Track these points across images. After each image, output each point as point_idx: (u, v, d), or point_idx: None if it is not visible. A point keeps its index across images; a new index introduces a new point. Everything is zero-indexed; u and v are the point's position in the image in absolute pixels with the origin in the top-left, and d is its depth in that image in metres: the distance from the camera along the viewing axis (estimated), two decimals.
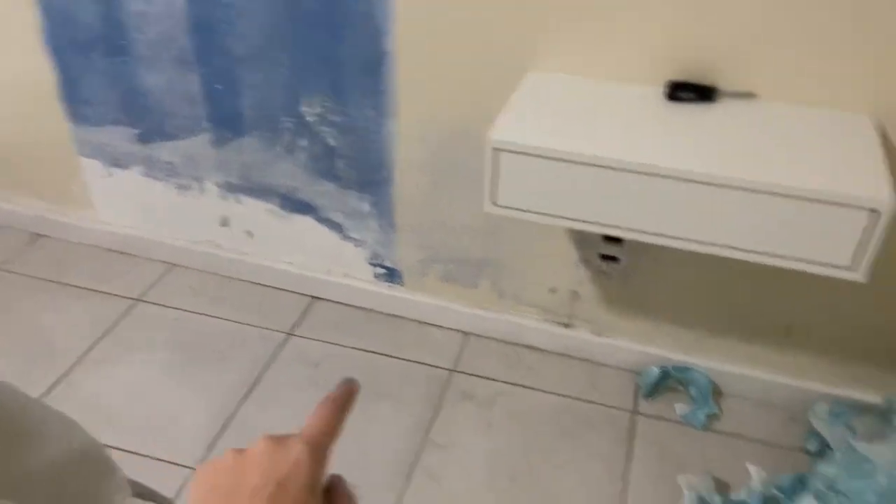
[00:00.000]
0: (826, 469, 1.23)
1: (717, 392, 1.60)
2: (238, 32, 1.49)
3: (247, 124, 1.61)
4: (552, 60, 1.32)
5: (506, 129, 1.19)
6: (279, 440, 0.40)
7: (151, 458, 1.44)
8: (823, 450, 1.42)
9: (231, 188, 1.74)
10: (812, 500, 1.23)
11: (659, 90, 1.28)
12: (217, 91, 1.59)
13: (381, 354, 1.68)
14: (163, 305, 1.80)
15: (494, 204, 1.23)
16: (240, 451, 0.40)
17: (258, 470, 0.38)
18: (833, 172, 1.09)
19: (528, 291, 1.66)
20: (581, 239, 1.53)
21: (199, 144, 1.69)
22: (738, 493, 1.35)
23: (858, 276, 1.09)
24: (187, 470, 1.42)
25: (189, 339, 1.71)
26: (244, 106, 1.59)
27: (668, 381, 1.61)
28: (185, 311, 1.79)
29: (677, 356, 1.61)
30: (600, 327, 1.65)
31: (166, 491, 0.63)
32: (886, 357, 1.46)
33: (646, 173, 1.11)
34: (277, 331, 1.74)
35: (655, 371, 1.59)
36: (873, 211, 1.04)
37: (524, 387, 1.62)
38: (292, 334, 1.73)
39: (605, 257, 1.54)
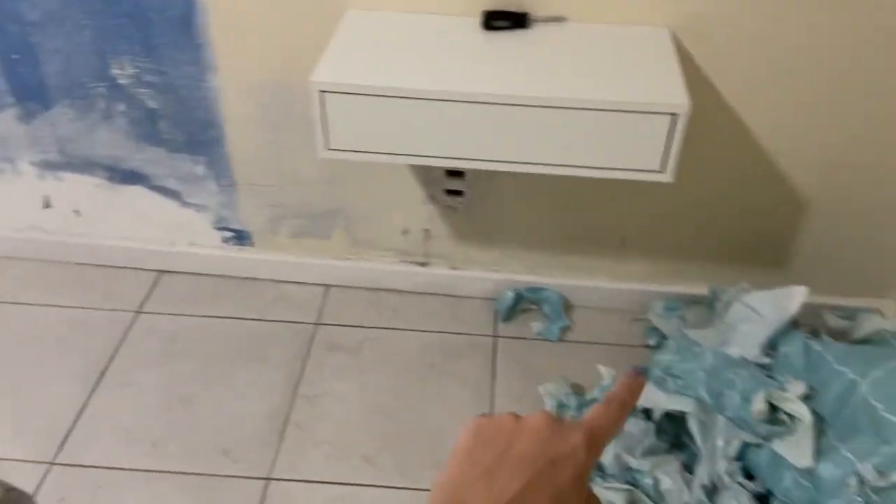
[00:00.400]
0: (661, 357, 1.36)
1: (567, 306, 1.70)
2: None
3: (54, 94, 1.49)
4: None
5: (328, 70, 1.17)
6: (561, 420, 0.38)
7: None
8: (662, 342, 1.55)
9: (49, 166, 1.61)
10: (651, 385, 1.35)
11: (476, 20, 1.31)
12: (14, 61, 1.46)
13: (241, 319, 1.65)
14: None
15: (328, 148, 1.22)
16: (518, 417, 0.38)
17: (535, 440, 0.36)
18: (636, 83, 1.17)
19: (382, 236, 1.67)
20: (425, 177, 1.56)
21: (5, 122, 1.55)
22: (591, 393, 1.46)
23: (667, 177, 1.19)
24: (30, 465, 1.35)
25: (25, 333, 1.59)
26: (48, 74, 1.46)
27: (522, 303, 1.69)
28: (17, 303, 1.66)
29: (529, 278, 1.69)
30: (455, 261, 1.70)
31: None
32: (708, 252, 1.62)
33: (467, 101, 1.14)
34: (124, 310, 1.65)
35: (510, 295, 1.67)
36: (673, 115, 1.13)
37: (390, 329, 1.65)
38: (141, 312, 1.65)
39: (450, 192, 1.58)
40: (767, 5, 1.26)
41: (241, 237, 1.70)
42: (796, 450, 1.12)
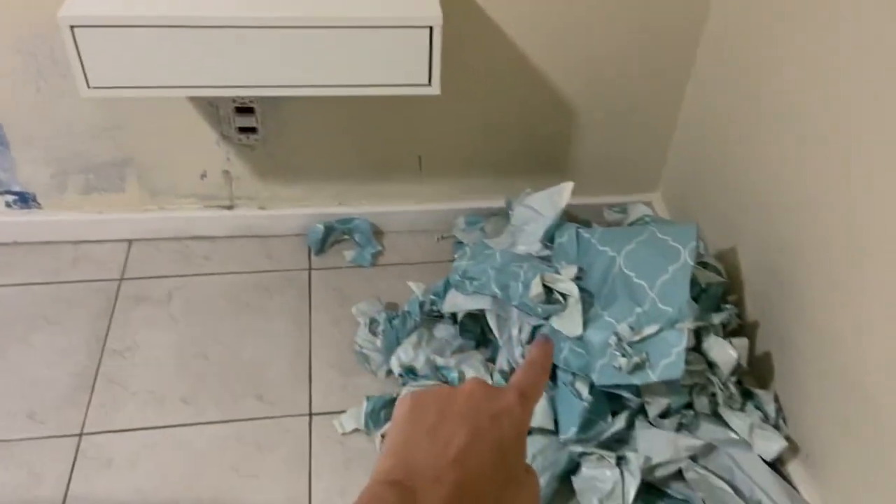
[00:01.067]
0: (459, 263, 1.46)
1: (377, 233, 1.77)
2: None
3: None
4: None
5: (76, 3, 1.13)
6: (490, 385, 0.38)
7: None
8: (464, 249, 1.66)
9: None
10: (453, 291, 1.45)
11: None
12: None
13: (35, 284, 1.57)
14: None
15: (90, 87, 1.18)
16: (452, 387, 0.38)
17: (471, 400, 0.36)
18: (395, 1, 1.22)
19: (181, 182, 1.64)
20: (213, 116, 1.54)
21: None
22: (402, 307, 1.54)
23: (434, 90, 1.27)
24: None
25: None
26: None
27: (334, 234, 1.74)
28: None
29: (338, 210, 1.73)
30: (262, 201, 1.71)
31: None
32: (499, 166, 1.73)
33: (228, 27, 1.15)
34: None
35: (320, 228, 1.71)
36: (429, 28, 1.20)
37: (200, 275, 1.64)
38: None
39: (243, 130, 1.58)
40: None
41: (24, 199, 1.60)
42: (569, 323, 1.26)
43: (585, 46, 1.53)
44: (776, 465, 1.25)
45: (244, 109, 1.54)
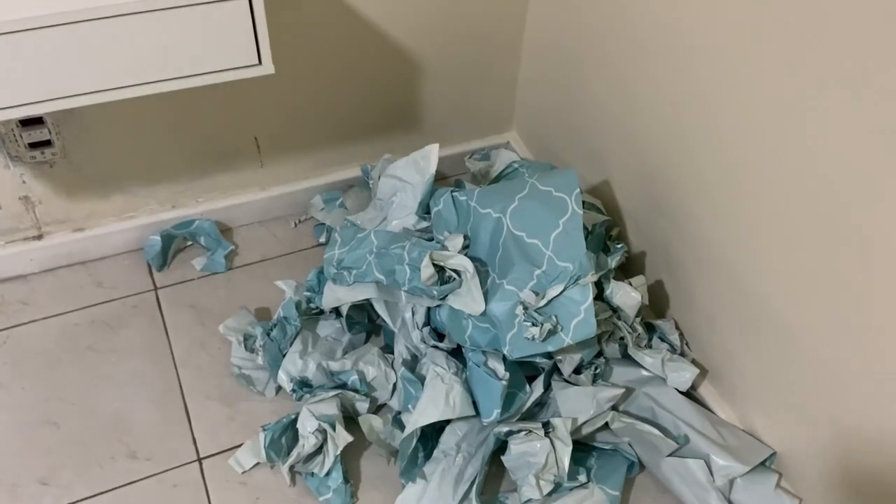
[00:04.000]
0: (331, 253, 1.31)
1: (225, 230, 1.56)
2: None
3: None
4: None
5: None
6: None
7: None
8: (332, 236, 1.51)
9: None
10: (330, 284, 1.31)
11: None
12: None
13: None
14: None
15: None
16: None
17: None
18: None
19: None
20: None
21: None
22: (276, 313, 1.38)
23: (267, 68, 1.08)
24: None
25: None
26: None
27: (174, 243, 1.51)
28: None
29: (173, 214, 1.50)
30: (76, 222, 1.44)
31: None
32: (348, 134, 1.57)
33: (7, 32, 0.89)
34: None
35: (156, 239, 1.47)
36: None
37: (22, 325, 1.37)
38: None
39: (35, 145, 1.30)
40: None
41: None
42: (469, 300, 1.17)
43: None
44: (690, 393, 1.26)
45: (30, 122, 1.26)
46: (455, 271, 1.20)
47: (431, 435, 1.21)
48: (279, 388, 1.30)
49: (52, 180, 1.36)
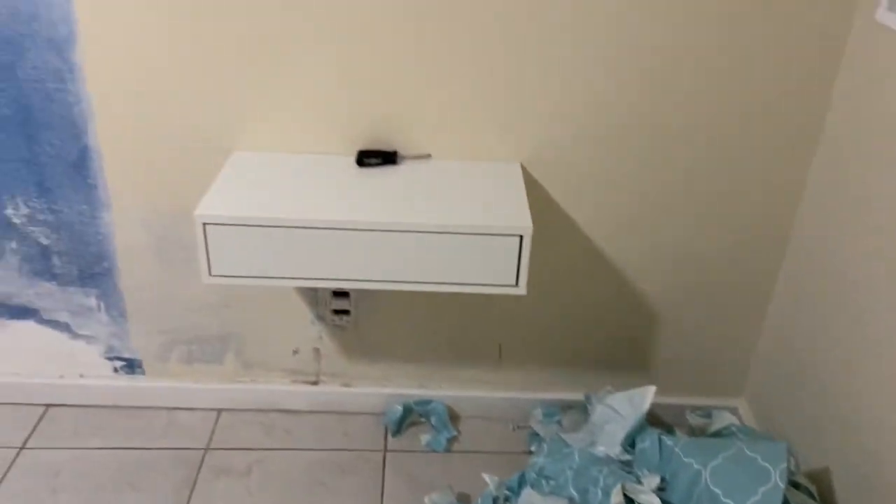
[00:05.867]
0: (536, 459, 1.45)
1: (454, 417, 1.79)
2: None
3: None
4: (254, 139, 1.46)
5: (211, 204, 1.29)
6: None
7: None
8: (542, 444, 1.65)
9: None
10: (529, 489, 1.43)
11: (351, 158, 1.47)
12: None
13: (128, 449, 1.64)
14: None
15: (211, 275, 1.31)
16: None
17: None
18: (488, 210, 1.33)
19: (273, 357, 1.74)
20: (312, 298, 1.66)
21: None
22: (475, 501, 1.52)
23: (521, 290, 1.34)
24: None
25: None
26: None
27: (411, 416, 1.77)
28: None
29: (416, 391, 1.78)
30: (346, 378, 1.77)
31: None
32: (579, 360, 1.76)
33: (339, 229, 1.27)
34: (6, 447, 1.62)
35: (398, 409, 1.74)
36: (519, 236, 1.29)
37: (280, 450, 1.68)
38: (25, 448, 1.63)
39: (337, 312, 1.68)
40: (596, 142, 1.48)
41: (132, 366, 1.72)
42: None
43: (671, 245, 1.59)
44: None
45: (341, 294, 1.65)
46: None
47: None
48: None
49: (340, 341, 1.73)
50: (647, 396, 1.44)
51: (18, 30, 1.34)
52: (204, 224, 1.27)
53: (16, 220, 1.53)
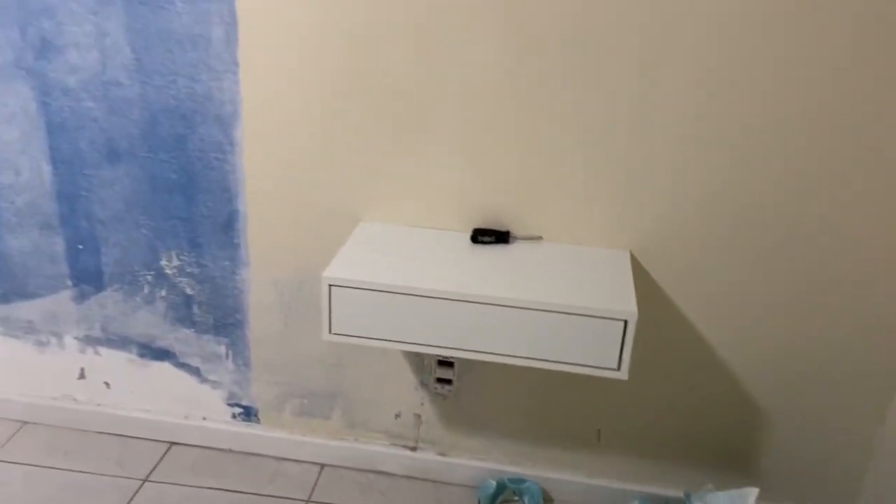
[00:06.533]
0: None
1: (547, 498, 1.78)
2: (100, 199, 1.67)
3: (107, 279, 1.75)
4: (380, 213, 1.60)
5: (339, 267, 1.42)
6: None
7: None
8: None
9: (90, 341, 1.83)
10: None
11: (466, 236, 1.57)
12: (79, 251, 1.74)
13: (237, 492, 1.75)
14: (12, 463, 1.79)
15: (331, 332, 1.42)
16: None
17: None
18: (595, 293, 1.38)
19: (377, 418, 1.82)
20: (418, 365, 1.74)
21: (61, 301, 1.80)
22: None
23: (622, 375, 1.36)
24: None
25: (41, 495, 1.71)
26: (105, 263, 1.74)
27: (504, 492, 1.78)
28: (37, 466, 1.79)
29: (511, 468, 1.79)
30: (443, 447, 1.82)
31: None
32: (681, 453, 1.72)
33: (452, 299, 1.36)
34: (131, 478, 1.77)
35: (493, 484, 1.76)
36: (624, 321, 1.33)
37: None
38: (148, 480, 1.77)
39: (441, 380, 1.75)
40: (706, 231, 1.51)
41: (248, 413, 1.85)
42: None
43: (783, 334, 1.57)
44: None
45: (445, 363, 1.73)
46: None
47: None
48: None
49: (440, 410, 1.79)
50: (749, 499, 1.40)
51: (193, 108, 1.56)
52: (330, 285, 1.39)
53: (168, 271, 1.72)
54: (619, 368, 1.37)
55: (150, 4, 1.48)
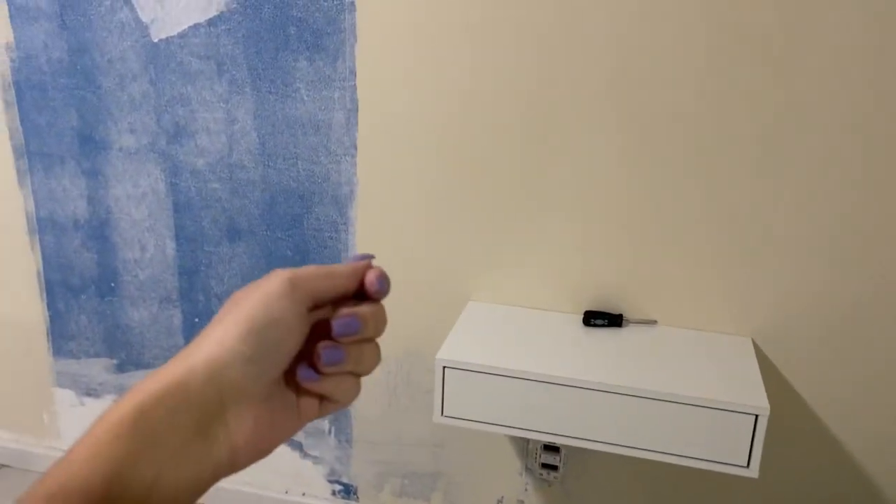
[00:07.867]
0: None
1: None
2: (218, 274, 1.73)
3: None
4: (490, 293, 1.59)
5: (451, 349, 1.41)
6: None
7: None
8: None
9: None
10: None
11: (578, 317, 1.54)
12: (196, 324, 1.80)
13: None
14: None
15: (443, 415, 1.40)
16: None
17: (251, 286, 0.46)
18: (720, 384, 1.32)
19: (478, 502, 1.76)
20: (523, 449, 1.69)
21: None
22: None
23: (752, 472, 1.28)
24: None
25: None
26: None
27: None
28: None
29: None
30: None
31: None
32: None
33: (565, 385, 1.32)
34: None
35: None
36: (755, 415, 1.25)
37: None
38: None
39: (545, 466, 1.69)
40: (833, 320, 1.43)
41: (348, 491, 1.83)
42: None
43: None
44: None
45: (551, 448, 1.67)
46: None
47: None
48: None
49: (544, 497, 1.72)
50: None
51: (311, 189, 1.61)
52: (444, 367, 1.38)
53: None
54: (748, 466, 1.29)
55: (277, 93, 1.56)
